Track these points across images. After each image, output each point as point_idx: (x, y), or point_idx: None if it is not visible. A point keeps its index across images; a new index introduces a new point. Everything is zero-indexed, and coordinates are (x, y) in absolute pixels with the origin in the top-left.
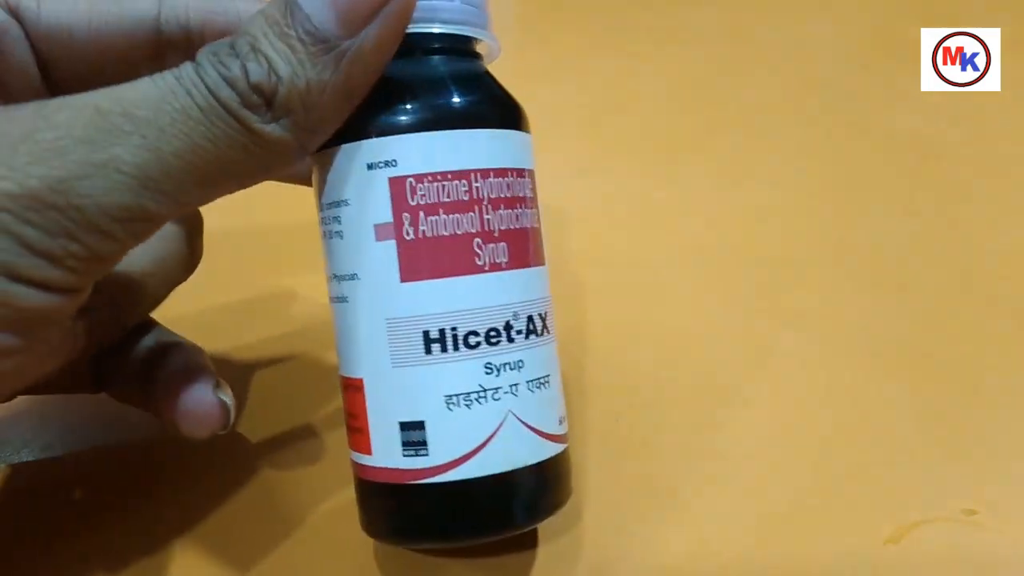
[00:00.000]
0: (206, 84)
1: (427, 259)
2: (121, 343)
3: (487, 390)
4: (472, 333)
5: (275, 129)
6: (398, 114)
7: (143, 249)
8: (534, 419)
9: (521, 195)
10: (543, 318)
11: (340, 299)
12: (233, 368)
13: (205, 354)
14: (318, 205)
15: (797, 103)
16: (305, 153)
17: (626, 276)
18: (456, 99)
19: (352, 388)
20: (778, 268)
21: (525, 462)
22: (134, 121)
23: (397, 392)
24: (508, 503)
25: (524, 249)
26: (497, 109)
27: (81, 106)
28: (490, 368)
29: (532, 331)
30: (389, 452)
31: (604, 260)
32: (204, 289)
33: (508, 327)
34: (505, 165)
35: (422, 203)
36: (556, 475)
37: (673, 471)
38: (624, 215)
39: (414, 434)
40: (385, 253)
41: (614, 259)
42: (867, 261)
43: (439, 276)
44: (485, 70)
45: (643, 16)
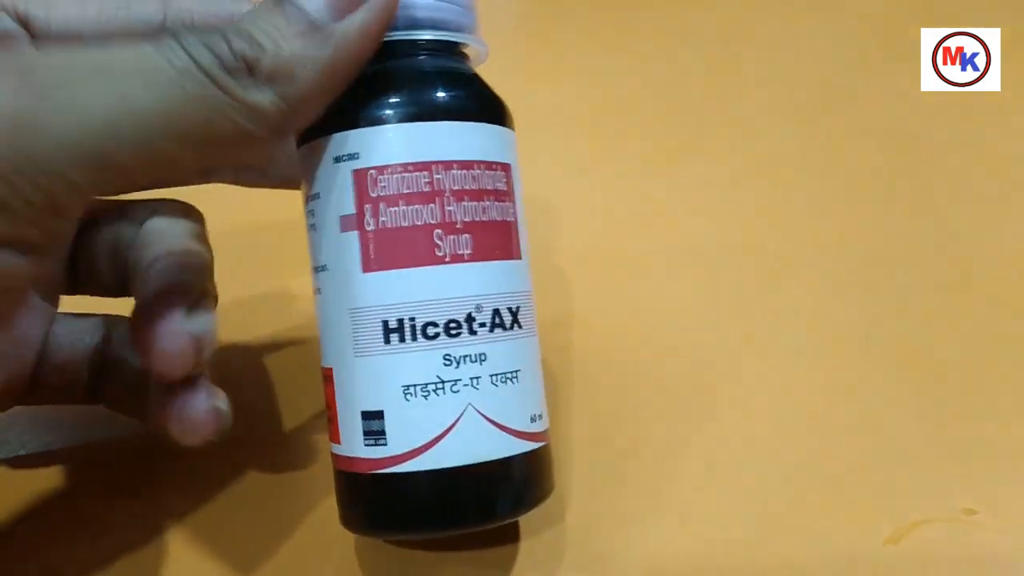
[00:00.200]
0: (186, 49)
1: (387, 249)
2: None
3: (445, 382)
4: (431, 324)
5: (255, 95)
6: (362, 108)
7: None
8: (497, 414)
9: (490, 188)
10: (514, 312)
11: (316, 291)
12: (232, 368)
13: None
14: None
15: (797, 103)
16: (282, 132)
17: (626, 275)
18: (421, 93)
19: (325, 378)
20: (778, 268)
21: (486, 457)
22: (103, 71)
23: (359, 381)
24: (466, 498)
25: (492, 242)
26: (464, 103)
27: (50, 51)
28: (449, 360)
29: (499, 324)
30: (353, 442)
31: (603, 259)
32: None
33: (470, 319)
34: (471, 158)
35: (383, 194)
36: (525, 474)
37: (673, 471)
38: (624, 215)
39: (374, 424)
40: (349, 244)
41: (613, 258)
42: (867, 261)
43: (399, 266)
44: (464, 67)
45: (643, 16)
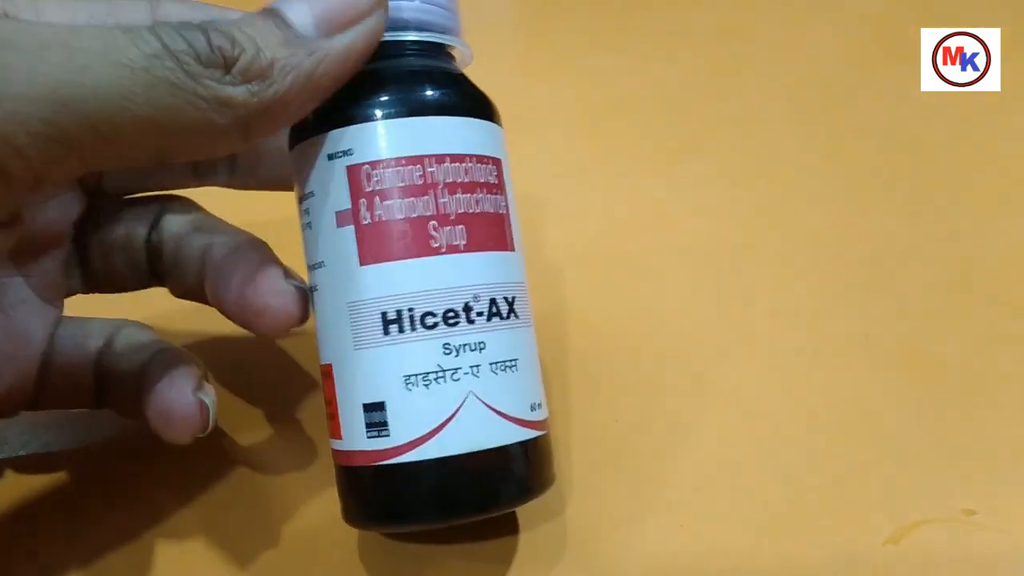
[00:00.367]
0: (159, 37)
1: (384, 242)
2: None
3: (446, 370)
4: (429, 314)
5: (226, 89)
6: (355, 106)
7: None
8: (499, 402)
9: (482, 181)
10: (510, 302)
11: (313, 288)
12: (231, 368)
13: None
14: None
15: (797, 103)
16: (248, 132)
17: (626, 275)
18: (411, 91)
19: (324, 374)
20: (778, 268)
21: (488, 444)
22: (66, 45)
23: (359, 374)
24: (470, 486)
25: (486, 233)
26: (453, 99)
27: (13, 21)
28: (448, 348)
29: (496, 314)
30: (354, 435)
31: (603, 259)
32: None
33: (468, 308)
34: (462, 151)
35: (377, 188)
36: (527, 462)
37: (672, 471)
38: (624, 214)
39: (376, 415)
40: (345, 239)
41: (613, 258)
42: (867, 261)
43: (396, 258)
44: (451, 67)
45: (643, 16)
